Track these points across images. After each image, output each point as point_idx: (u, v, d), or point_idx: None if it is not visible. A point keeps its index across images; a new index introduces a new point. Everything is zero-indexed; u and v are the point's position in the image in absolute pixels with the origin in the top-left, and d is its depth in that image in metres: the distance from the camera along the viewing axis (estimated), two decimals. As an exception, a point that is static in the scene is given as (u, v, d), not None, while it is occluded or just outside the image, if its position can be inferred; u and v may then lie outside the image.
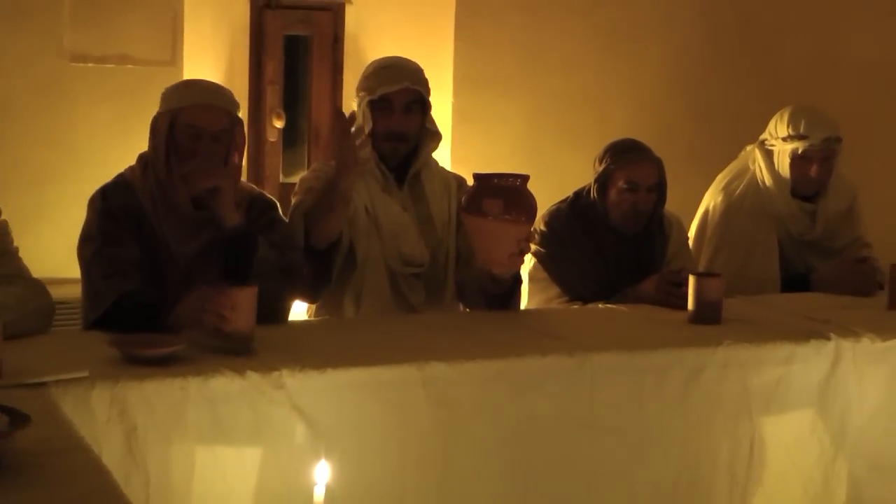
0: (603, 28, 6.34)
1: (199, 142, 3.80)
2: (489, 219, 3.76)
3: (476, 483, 3.47)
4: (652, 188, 4.53)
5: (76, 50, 5.49)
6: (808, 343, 3.80)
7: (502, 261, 3.86)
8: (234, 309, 3.31)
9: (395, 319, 3.99)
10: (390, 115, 4.12)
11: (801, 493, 3.87)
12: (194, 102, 3.86)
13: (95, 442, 2.81)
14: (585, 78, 6.27)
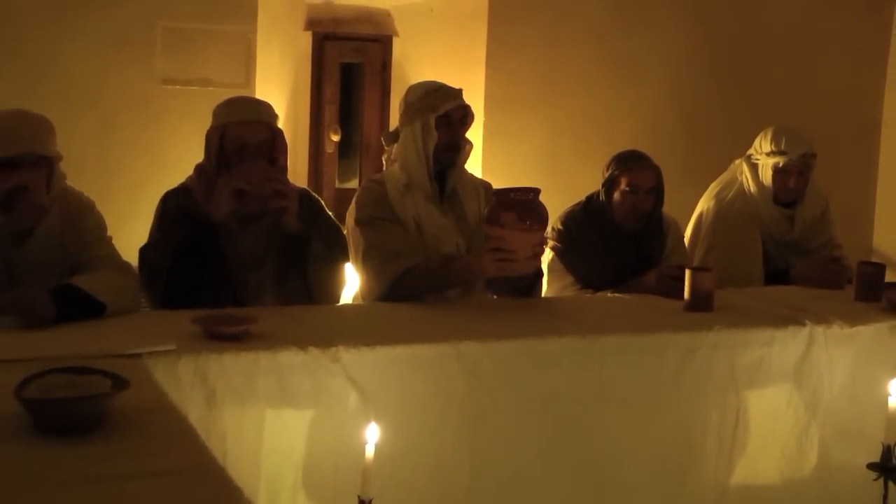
0: (612, 57, 6.32)
1: (244, 152, 3.82)
2: (507, 229, 3.77)
3: (502, 443, 3.48)
4: (650, 191, 4.54)
5: (167, 74, 5.53)
6: (787, 328, 3.80)
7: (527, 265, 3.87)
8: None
9: (433, 305, 3.98)
10: (450, 128, 4.12)
11: (778, 456, 3.86)
12: (239, 118, 3.88)
13: (181, 404, 2.83)
14: (596, 100, 6.26)
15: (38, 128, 3.63)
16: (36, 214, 3.58)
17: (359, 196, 4.20)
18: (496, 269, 3.88)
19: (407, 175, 4.12)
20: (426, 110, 4.11)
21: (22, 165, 3.54)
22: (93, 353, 2.93)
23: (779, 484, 3.88)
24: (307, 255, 3.84)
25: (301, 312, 3.77)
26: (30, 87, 5.13)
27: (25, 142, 3.57)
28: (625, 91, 6.33)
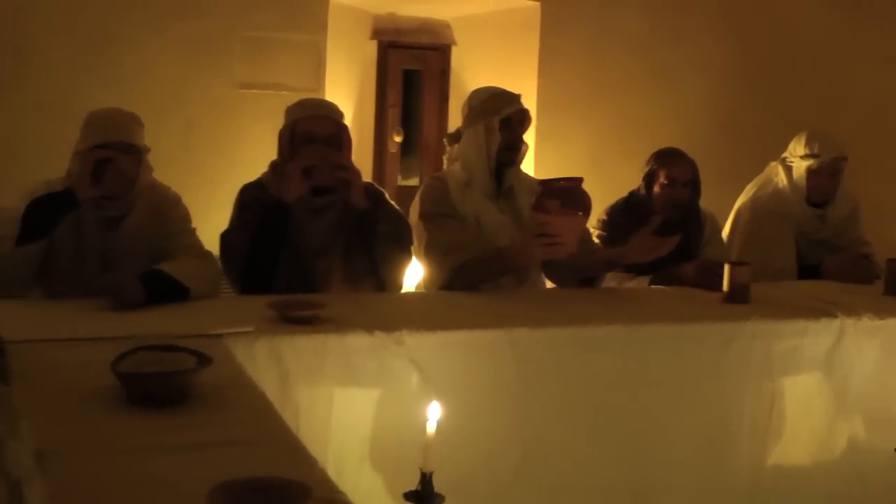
0: (653, 66, 6.31)
1: (313, 144, 3.85)
2: (551, 215, 3.77)
3: (551, 423, 3.48)
4: (687, 183, 4.55)
5: (243, 79, 5.58)
6: (819, 320, 3.77)
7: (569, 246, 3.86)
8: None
9: (489, 294, 3.99)
10: (510, 130, 4.13)
11: (809, 439, 3.84)
12: (308, 114, 3.93)
13: (258, 382, 2.85)
14: (639, 106, 6.25)
15: (128, 120, 3.71)
16: (123, 184, 3.64)
17: (422, 192, 4.22)
18: (543, 253, 3.90)
19: (468, 173, 4.13)
20: (489, 113, 4.11)
21: (109, 150, 3.62)
22: (178, 333, 2.96)
23: (810, 466, 3.85)
24: (374, 234, 3.86)
25: (367, 299, 3.80)
26: (123, 92, 5.20)
27: (116, 131, 3.65)
28: (664, 97, 6.31)
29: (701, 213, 4.67)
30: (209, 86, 5.54)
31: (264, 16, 5.66)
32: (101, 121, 3.69)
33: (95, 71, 5.34)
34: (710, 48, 6.40)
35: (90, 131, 3.67)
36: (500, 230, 4.13)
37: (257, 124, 5.44)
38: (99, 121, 3.69)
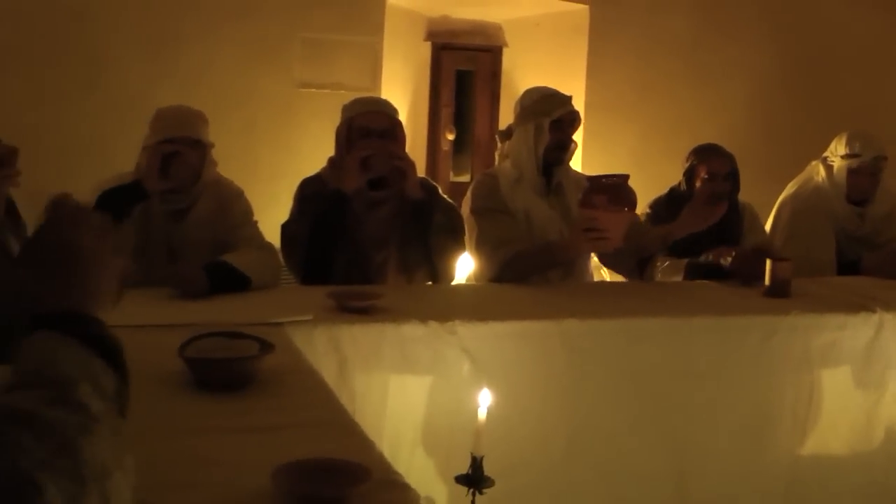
0: (696, 69, 6.28)
1: (369, 138, 3.86)
2: (598, 210, 3.76)
3: (598, 412, 3.48)
4: (726, 177, 4.52)
5: (303, 79, 5.60)
6: (858, 314, 3.74)
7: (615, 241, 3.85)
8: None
9: (539, 286, 3.99)
10: (560, 131, 4.11)
11: (848, 430, 3.82)
12: (364, 110, 3.94)
13: (317, 368, 2.87)
14: (683, 107, 6.22)
15: (194, 117, 3.75)
16: (189, 178, 3.67)
17: (474, 188, 4.22)
18: (590, 247, 3.91)
19: (518, 170, 4.13)
20: (541, 114, 4.11)
21: (176, 145, 3.66)
22: (241, 321, 2.98)
23: (848, 456, 3.83)
24: (429, 224, 3.87)
25: (421, 290, 3.82)
26: (187, 91, 5.23)
27: (183, 127, 3.69)
28: (706, 98, 6.28)
29: (739, 205, 4.64)
30: (270, 85, 5.57)
31: (323, 18, 5.67)
32: (168, 117, 3.72)
33: (164, 72, 5.38)
34: (751, 51, 6.36)
35: (158, 127, 3.71)
36: (549, 225, 4.13)
37: (316, 122, 5.46)
38: (166, 117, 3.72)
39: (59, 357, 1.33)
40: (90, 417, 1.28)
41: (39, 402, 1.26)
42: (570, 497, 3.49)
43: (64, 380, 1.30)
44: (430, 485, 3.21)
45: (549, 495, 3.46)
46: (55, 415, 1.25)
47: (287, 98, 5.59)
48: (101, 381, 1.33)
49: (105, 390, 1.33)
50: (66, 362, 1.32)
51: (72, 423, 1.25)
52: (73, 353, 1.34)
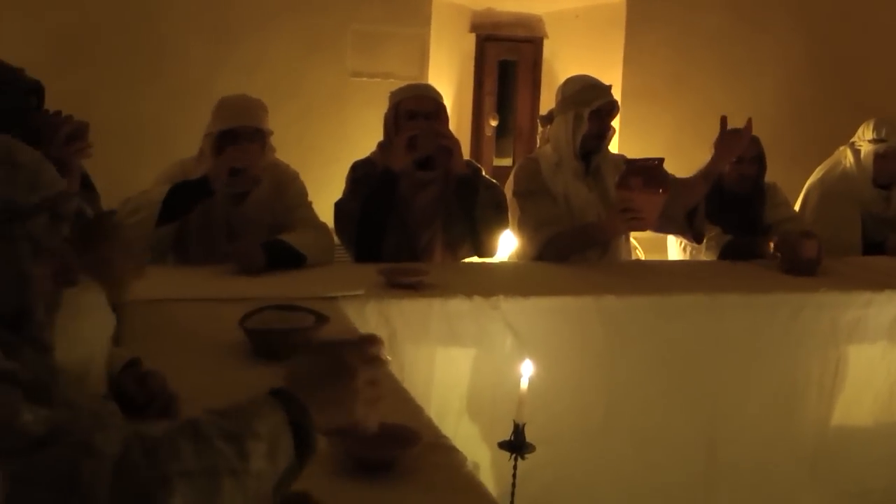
0: (729, 59, 6.23)
1: (415, 120, 3.86)
2: (634, 192, 3.75)
3: (634, 383, 3.48)
4: (753, 159, 4.48)
5: (355, 69, 5.61)
6: (883, 292, 3.72)
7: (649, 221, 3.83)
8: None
9: (578, 264, 3.97)
10: (599, 120, 4.08)
11: (871, 402, 3.79)
12: (410, 94, 3.95)
13: (368, 340, 2.91)
14: (715, 97, 6.16)
15: (255, 107, 3.75)
16: (251, 183, 3.69)
17: (516, 171, 4.22)
18: (626, 227, 3.89)
19: (558, 155, 4.11)
20: (581, 104, 4.07)
21: (241, 136, 3.65)
22: (298, 296, 3.00)
23: (871, 426, 3.81)
24: (475, 199, 3.86)
25: (467, 267, 3.83)
26: (243, 80, 5.25)
27: (245, 117, 3.69)
28: (738, 88, 6.23)
29: (765, 186, 4.60)
30: (323, 74, 5.58)
31: (373, 11, 5.68)
32: (230, 107, 3.73)
33: (224, 62, 5.41)
34: (781, 44, 6.30)
35: (220, 116, 3.72)
36: (587, 207, 4.11)
37: (367, 109, 5.46)
38: (228, 106, 3.74)
39: (263, 414, 1.36)
40: (247, 469, 1.31)
41: (218, 431, 1.31)
42: (607, 463, 3.49)
43: (250, 430, 1.33)
44: (474, 450, 3.21)
45: (587, 461, 3.47)
46: (221, 446, 1.30)
47: (339, 87, 5.60)
48: (279, 456, 1.36)
49: (277, 463, 1.35)
50: (264, 421, 1.36)
51: (229, 460, 1.30)
52: (274, 421, 1.37)
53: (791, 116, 6.21)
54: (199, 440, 1.30)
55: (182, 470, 1.26)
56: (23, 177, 1.41)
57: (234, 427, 1.33)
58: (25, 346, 1.41)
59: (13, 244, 1.39)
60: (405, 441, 1.94)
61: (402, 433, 1.97)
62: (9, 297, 1.40)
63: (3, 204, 1.38)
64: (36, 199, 1.41)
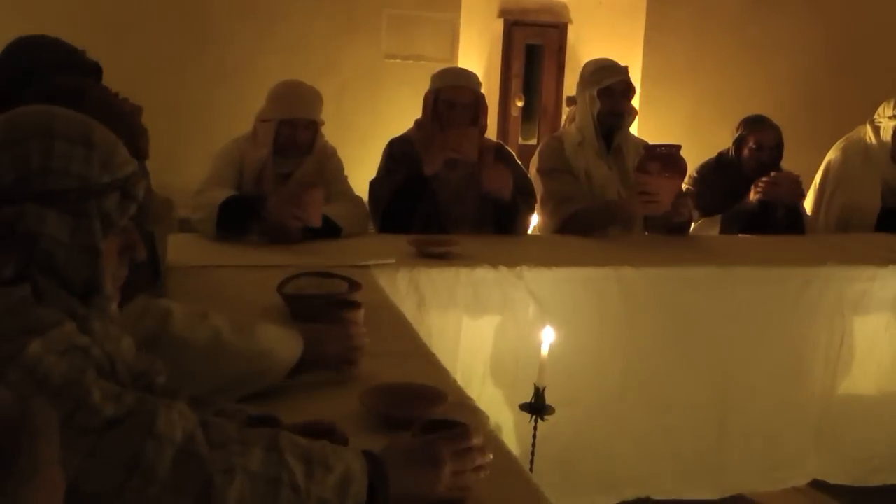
0: (746, 42, 6.17)
1: (454, 110, 3.84)
2: (652, 176, 3.72)
3: (649, 350, 3.48)
4: (773, 148, 4.45)
5: (389, 51, 5.60)
6: (887, 267, 3.70)
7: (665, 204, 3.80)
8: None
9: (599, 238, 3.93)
10: (611, 98, 4.06)
11: (875, 371, 3.77)
12: (451, 84, 3.90)
13: (398, 306, 2.91)
14: (733, 79, 6.12)
15: (312, 98, 3.72)
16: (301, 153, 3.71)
17: (541, 150, 4.20)
18: (643, 209, 3.86)
19: (581, 134, 4.09)
20: (593, 83, 4.07)
21: (298, 125, 3.66)
22: (333, 264, 3.01)
23: (874, 394, 3.79)
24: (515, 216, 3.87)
25: (492, 239, 3.81)
26: (288, 61, 5.26)
27: (304, 109, 3.68)
28: (755, 71, 6.17)
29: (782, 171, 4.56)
30: (360, 56, 5.57)
31: (408, -3, 5.69)
32: (290, 97, 3.70)
33: (265, 43, 5.41)
34: (796, 28, 6.23)
35: (280, 105, 3.68)
36: (608, 184, 4.09)
37: (401, 89, 5.46)
38: (288, 96, 3.70)
39: (344, 457, 1.41)
40: (309, 490, 1.35)
41: (293, 448, 1.37)
42: (623, 426, 3.49)
43: (325, 461, 1.38)
44: (497, 412, 3.22)
45: (603, 423, 3.47)
46: (291, 462, 1.35)
47: (374, 67, 5.59)
48: (347, 495, 1.38)
49: (343, 499, 1.38)
50: (342, 461, 1.40)
51: (295, 476, 1.34)
52: (352, 465, 1.40)
53: (806, 99, 6.15)
54: (271, 449, 1.34)
55: (246, 468, 1.30)
56: (98, 156, 1.41)
57: (311, 453, 1.37)
58: (95, 319, 1.42)
59: (86, 220, 1.40)
60: (432, 401, 1.94)
61: (428, 393, 1.97)
62: (80, 270, 1.40)
63: (79, 181, 1.39)
64: (109, 178, 1.42)
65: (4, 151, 1.38)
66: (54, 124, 1.41)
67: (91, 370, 1.32)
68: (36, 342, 1.28)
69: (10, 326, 1.28)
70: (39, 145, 1.38)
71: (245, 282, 2.94)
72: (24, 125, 1.41)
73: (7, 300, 1.32)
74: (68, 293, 1.40)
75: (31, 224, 1.36)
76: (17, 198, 1.37)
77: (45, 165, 1.38)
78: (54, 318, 1.33)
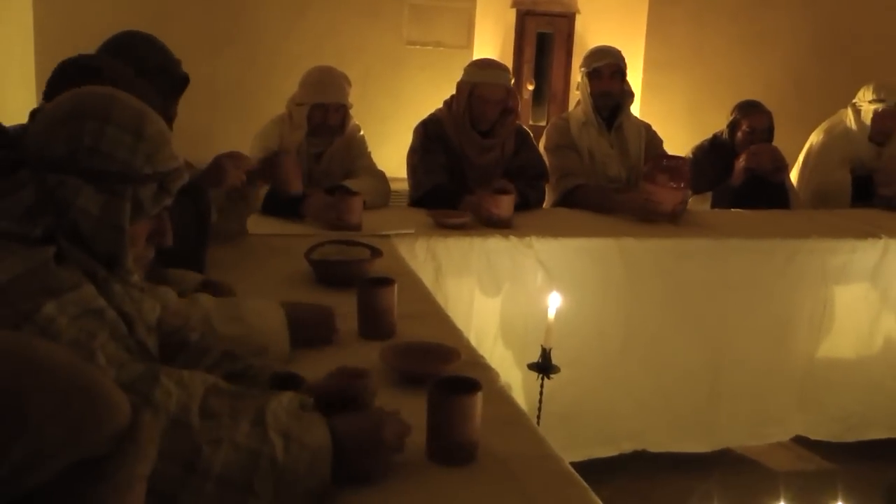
0: (742, 32, 6.10)
1: (486, 106, 3.77)
2: (658, 186, 3.67)
3: (649, 315, 3.47)
4: (764, 132, 4.40)
5: (410, 37, 5.55)
6: (867, 240, 3.67)
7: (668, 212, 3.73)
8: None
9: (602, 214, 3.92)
10: (600, 80, 4.04)
11: (854, 337, 3.76)
12: (484, 80, 3.80)
13: (417, 272, 2.90)
14: (729, 66, 6.06)
15: (342, 83, 3.68)
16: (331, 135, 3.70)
17: (549, 129, 4.17)
18: (646, 216, 3.69)
19: (585, 115, 4.07)
20: (585, 67, 4.09)
21: (329, 109, 3.64)
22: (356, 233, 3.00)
23: (854, 358, 3.78)
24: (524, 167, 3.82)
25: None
26: (316, 47, 5.24)
27: (333, 94, 3.65)
28: (751, 59, 6.11)
29: None
30: (383, 43, 5.53)
31: (427, -12, 5.64)
32: (321, 82, 3.66)
33: (295, 30, 5.37)
34: (787, 18, 6.16)
35: (312, 90, 3.65)
36: (608, 161, 4.07)
37: (421, 73, 5.43)
38: (319, 82, 3.66)
39: (315, 432, 1.42)
40: (286, 464, 1.36)
41: (276, 423, 1.38)
42: (623, 385, 3.49)
43: (301, 439, 1.39)
44: (507, 370, 3.22)
45: (605, 383, 3.47)
46: (274, 437, 1.36)
47: (396, 53, 5.55)
48: (315, 468, 1.40)
49: (313, 472, 1.39)
50: (313, 436, 1.42)
51: (275, 450, 1.36)
52: (322, 443, 1.41)
53: (796, 84, 6.09)
54: (257, 424, 1.35)
55: (233, 440, 1.32)
56: (144, 148, 1.42)
57: (290, 429, 1.38)
58: (115, 282, 1.44)
59: (119, 201, 1.40)
60: (446, 358, 1.94)
61: (443, 351, 1.97)
62: (105, 243, 1.41)
63: (121, 166, 1.40)
64: (150, 170, 1.43)
65: (62, 125, 1.40)
66: (112, 110, 1.42)
67: (103, 334, 1.34)
68: (51, 303, 1.29)
69: (31, 286, 1.30)
70: (93, 126, 1.39)
71: (278, 249, 2.94)
72: (86, 105, 1.42)
73: (31, 261, 1.33)
74: (90, 257, 1.41)
75: (67, 194, 1.38)
76: (63, 169, 1.38)
77: (95, 146, 1.39)
78: (73, 280, 1.35)
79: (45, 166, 1.38)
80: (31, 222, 1.37)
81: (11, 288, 1.29)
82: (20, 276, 1.30)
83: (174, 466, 1.27)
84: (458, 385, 1.58)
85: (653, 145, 4.14)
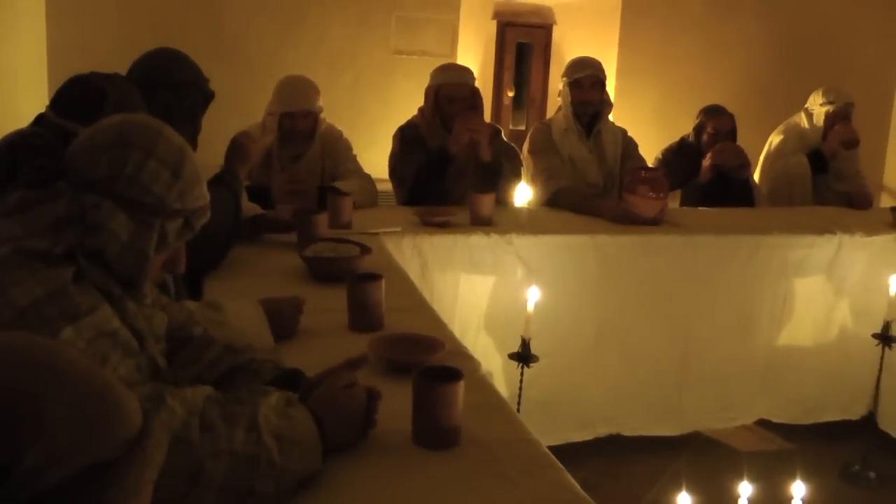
0: (707, 41, 6.10)
1: (453, 104, 3.76)
2: (638, 196, 3.64)
3: (622, 306, 3.47)
4: (728, 133, 4.40)
5: (398, 47, 5.53)
6: (823, 236, 3.68)
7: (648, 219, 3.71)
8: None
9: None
10: (581, 90, 4.01)
11: (811, 327, 3.77)
12: (449, 81, 3.81)
13: (404, 268, 2.89)
14: (696, 72, 6.06)
15: (308, 91, 3.63)
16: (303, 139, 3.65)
17: (532, 134, 4.15)
18: (626, 220, 3.67)
19: (566, 122, 4.05)
20: (567, 76, 4.05)
21: (297, 116, 3.59)
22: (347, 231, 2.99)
23: (811, 346, 3.79)
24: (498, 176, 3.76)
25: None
26: (308, 57, 5.23)
27: (300, 102, 3.60)
28: (714, 66, 6.12)
29: None
30: (371, 51, 5.51)
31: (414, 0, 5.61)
32: (288, 91, 3.63)
33: (288, 40, 5.35)
34: (751, 27, 6.17)
35: (281, 99, 3.62)
36: (587, 166, 4.04)
37: (407, 81, 5.41)
38: (287, 91, 3.64)
39: (303, 426, 1.43)
40: (282, 465, 1.37)
41: (268, 427, 1.38)
42: (598, 372, 3.50)
43: (293, 436, 1.40)
44: (489, 359, 3.22)
45: (581, 370, 3.47)
46: (269, 441, 1.36)
47: (385, 61, 5.53)
48: (308, 460, 1.42)
49: (305, 465, 1.42)
50: (302, 430, 1.43)
51: (272, 454, 1.36)
52: (310, 436, 1.43)
53: (755, 89, 6.10)
54: (251, 430, 1.35)
55: (232, 450, 1.31)
56: (179, 186, 1.42)
57: (281, 429, 1.38)
58: (129, 300, 1.43)
59: (148, 231, 1.40)
60: (431, 348, 1.93)
61: (428, 342, 1.97)
62: (128, 267, 1.40)
63: (155, 199, 1.40)
64: (180, 206, 1.43)
65: (107, 151, 1.39)
66: (157, 145, 1.41)
67: (115, 355, 1.33)
68: (69, 329, 1.28)
69: (50, 311, 1.28)
70: (137, 157, 1.39)
71: (272, 246, 2.92)
72: (133, 134, 1.41)
73: (50, 284, 1.31)
74: (108, 276, 1.40)
75: (102, 216, 1.37)
76: (101, 191, 1.37)
77: (135, 176, 1.39)
78: (90, 303, 1.33)
79: (84, 185, 1.37)
80: (55, 236, 1.35)
81: (31, 312, 1.27)
82: (39, 300, 1.28)
83: (178, 482, 1.26)
84: (442, 374, 1.58)
85: (629, 150, 4.12)
